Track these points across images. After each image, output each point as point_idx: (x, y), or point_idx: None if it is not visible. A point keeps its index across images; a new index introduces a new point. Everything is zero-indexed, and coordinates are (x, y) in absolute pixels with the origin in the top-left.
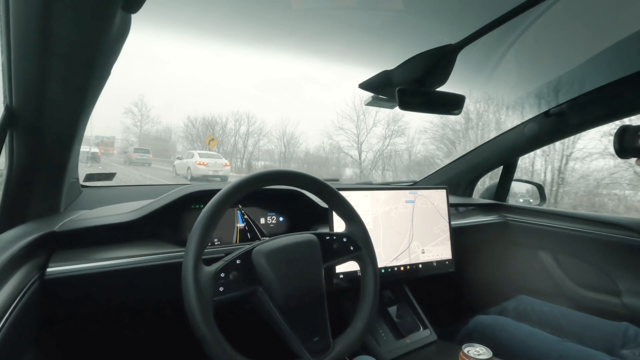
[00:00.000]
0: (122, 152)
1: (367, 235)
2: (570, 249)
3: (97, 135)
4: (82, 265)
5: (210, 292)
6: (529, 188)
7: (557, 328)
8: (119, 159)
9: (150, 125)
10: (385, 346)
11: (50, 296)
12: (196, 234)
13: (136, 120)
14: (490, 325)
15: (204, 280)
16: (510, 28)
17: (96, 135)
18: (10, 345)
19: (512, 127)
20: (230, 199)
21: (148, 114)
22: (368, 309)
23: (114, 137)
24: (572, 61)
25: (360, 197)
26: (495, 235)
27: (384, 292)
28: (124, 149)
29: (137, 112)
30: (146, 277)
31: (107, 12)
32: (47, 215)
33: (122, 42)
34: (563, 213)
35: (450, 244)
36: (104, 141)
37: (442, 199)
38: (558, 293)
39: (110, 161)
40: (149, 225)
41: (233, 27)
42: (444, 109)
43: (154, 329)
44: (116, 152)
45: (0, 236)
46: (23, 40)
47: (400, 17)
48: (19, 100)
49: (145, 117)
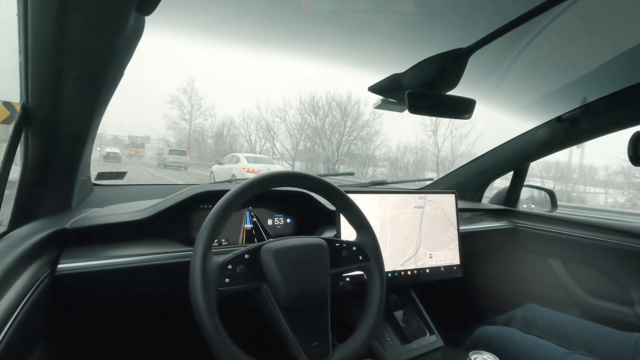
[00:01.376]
0: (157, 153)
1: (378, 246)
2: (582, 257)
3: (130, 134)
4: (92, 263)
5: (215, 281)
6: (538, 194)
7: (566, 338)
8: (151, 162)
9: (203, 118)
10: (391, 351)
11: (61, 292)
12: (209, 224)
13: (184, 112)
14: (496, 336)
15: (211, 270)
16: (522, 32)
17: (129, 135)
18: (22, 338)
19: (523, 132)
20: (245, 194)
21: (200, 102)
22: (372, 321)
23: (148, 137)
24: (586, 66)
25: (368, 200)
26: (504, 241)
27: (390, 296)
28: (160, 150)
29: (187, 101)
30: (154, 275)
31: (121, 14)
32: (59, 213)
33: (136, 44)
34: (575, 220)
35: (459, 249)
36: (135, 142)
37: (451, 204)
38: (568, 301)
39: (140, 164)
40: (158, 224)
41: (237, 28)
42: (454, 113)
43: (161, 327)
44: (151, 154)
45: (14, 232)
46: (40, 41)
47: (410, 20)
48: (34, 99)
49: (196, 106)
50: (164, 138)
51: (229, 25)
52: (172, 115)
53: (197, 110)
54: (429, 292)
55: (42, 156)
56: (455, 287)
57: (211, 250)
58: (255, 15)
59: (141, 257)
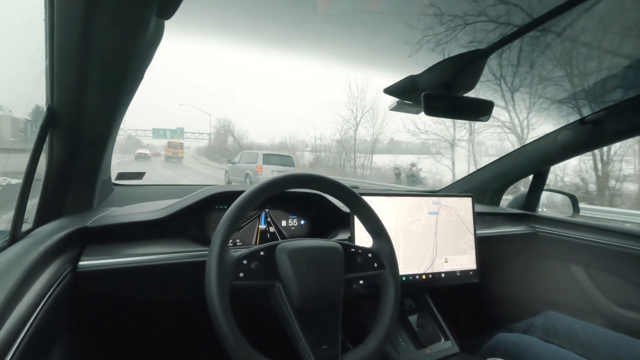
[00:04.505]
0: (231, 161)
1: (394, 254)
2: (606, 264)
3: (153, 128)
4: (112, 260)
5: (230, 274)
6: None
7: (588, 348)
8: (196, 167)
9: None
10: (405, 355)
11: (82, 288)
12: (228, 219)
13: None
14: (514, 343)
15: (227, 263)
16: (542, 32)
17: (153, 128)
18: (45, 331)
19: (544, 135)
20: (265, 193)
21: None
22: (383, 331)
23: (182, 129)
24: (611, 67)
25: (382, 202)
26: (523, 246)
27: (405, 300)
28: (234, 156)
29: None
30: (170, 273)
31: (142, 18)
32: (81, 211)
33: (156, 47)
34: (598, 226)
35: (475, 253)
36: (171, 142)
37: (467, 209)
38: (590, 310)
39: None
40: (175, 224)
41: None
42: (471, 115)
43: (177, 325)
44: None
45: (38, 229)
46: (65, 45)
47: (429, 21)
48: (59, 101)
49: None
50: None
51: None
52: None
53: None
54: (444, 296)
55: (66, 157)
56: (472, 292)
57: (228, 245)
58: (272, 18)
59: (159, 256)
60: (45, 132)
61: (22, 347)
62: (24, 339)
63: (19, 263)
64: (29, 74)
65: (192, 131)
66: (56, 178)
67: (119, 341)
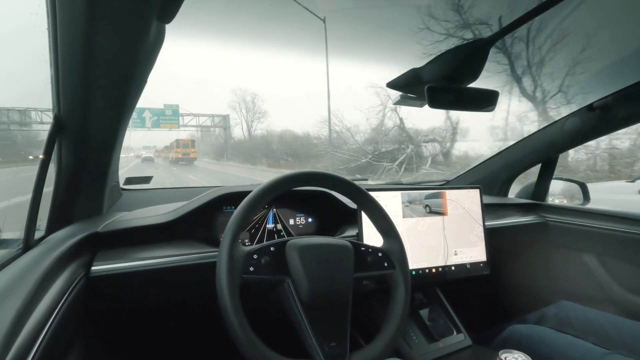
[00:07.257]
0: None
1: (404, 254)
2: (619, 252)
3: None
4: (124, 264)
5: (241, 268)
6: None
7: (604, 337)
8: (209, 166)
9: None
10: (417, 349)
11: (95, 292)
12: (239, 215)
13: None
14: (527, 334)
15: (238, 257)
16: (546, 19)
17: (149, 108)
18: (61, 337)
19: (552, 122)
20: (275, 190)
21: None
22: (392, 331)
23: (177, 105)
24: (619, 50)
25: (389, 197)
26: (533, 236)
27: (415, 294)
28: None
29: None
30: (181, 275)
31: (143, 23)
32: (91, 217)
33: (157, 52)
34: (610, 213)
35: (485, 245)
36: (180, 141)
37: (475, 200)
38: (604, 299)
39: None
40: (184, 226)
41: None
42: (476, 106)
43: (189, 325)
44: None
45: (51, 236)
46: (69, 54)
47: (429, 12)
48: (66, 109)
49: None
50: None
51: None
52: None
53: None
54: (456, 289)
55: (75, 164)
56: (483, 284)
57: (239, 240)
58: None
59: (170, 258)
60: (54, 140)
61: (40, 352)
62: (42, 344)
63: (33, 270)
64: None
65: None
66: (66, 185)
67: (133, 343)
